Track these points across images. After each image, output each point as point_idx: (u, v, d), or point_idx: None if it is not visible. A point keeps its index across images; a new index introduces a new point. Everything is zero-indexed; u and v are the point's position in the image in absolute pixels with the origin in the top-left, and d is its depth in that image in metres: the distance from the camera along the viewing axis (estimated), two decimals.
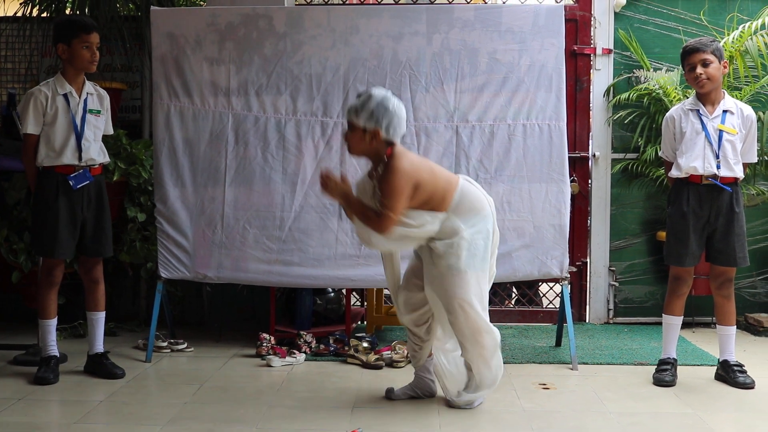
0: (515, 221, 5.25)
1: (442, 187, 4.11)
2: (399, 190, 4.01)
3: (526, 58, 5.26)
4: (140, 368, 5.12)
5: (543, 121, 5.26)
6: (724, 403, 4.47)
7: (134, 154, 5.87)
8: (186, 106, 5.38)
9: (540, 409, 4.32)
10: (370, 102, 4.05)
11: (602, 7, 6.42)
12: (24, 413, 4.22)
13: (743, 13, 6.32)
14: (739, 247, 4.70)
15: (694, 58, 4.71)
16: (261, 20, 5.37)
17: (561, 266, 5.25)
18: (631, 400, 4.48)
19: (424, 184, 4.06)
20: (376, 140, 4.07)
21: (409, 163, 4.06)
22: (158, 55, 5.40)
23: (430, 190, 4.08)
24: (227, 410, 4.27)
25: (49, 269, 4.83)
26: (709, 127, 4.69)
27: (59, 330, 5.21)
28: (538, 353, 5.50)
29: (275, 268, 5.30)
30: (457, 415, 4.20)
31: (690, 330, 6.15)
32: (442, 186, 4.12)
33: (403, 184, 4.01)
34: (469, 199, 4.15)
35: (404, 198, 4.02)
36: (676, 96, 6.01)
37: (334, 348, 5.40)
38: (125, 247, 5.89)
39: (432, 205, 4.10)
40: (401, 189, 4.01)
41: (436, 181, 4.11)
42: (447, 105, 5.27)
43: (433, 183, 4.09)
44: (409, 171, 4.03)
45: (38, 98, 4.71)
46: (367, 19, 5.36)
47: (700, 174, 4.67)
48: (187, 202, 5.37)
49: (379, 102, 4.05)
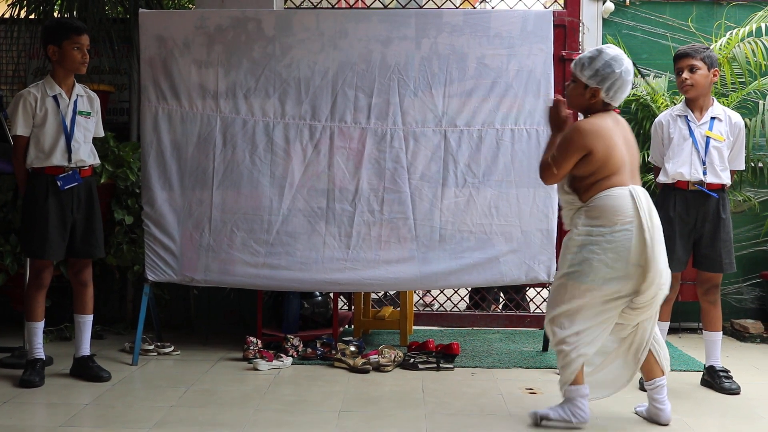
0: (503, 226, 5.27)
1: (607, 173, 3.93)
2: (568, 149, 3.95)
3: (515, 63, 5.28)
4: (127, 371, 5.11)
5: (531, 126, 5.28)
6: (709, 408, 4.48)
7: (122, 156, 5.86)
8: (174, 108, 5.37)
9: (527, 413, 4.32)
10: (598, 60, 3.97)
11: (591, 13, 6.45)
12: (9, 416, 4.19)
13: (731, 20, 6.35)
14: (726, 253, 4.72)
15: (682, 62, 4.74)
16: (250, 23, 5.36)
17: (548, 271, 5.26)
18: (617, 404, 4.48)
19: (597, 156, 3.91)
20: (594, 99, 4.01)
21: (592, 129, 3.94)
22: (146, 57, 5.39)
23: (598, 166, 3.93)
24: (214, 414, 4.26)
25: (37, 271, 4.81)
26: (696, 133, 4.71)
27: (45, 332, 5.20)
28: (525, 358, 5.50)
29: (263, 271, 5.30)
30: (445, 419, 4.20)
31: (676, 335, 6.17)
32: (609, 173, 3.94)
33: (574, 146, 3.93)
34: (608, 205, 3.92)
35: (570, 159, 3.95)
36: (663, 102, 6.03)
37: (321, 352, 5.39)
38: (112, 250, 5.88)
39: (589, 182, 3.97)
40: (571, 149, 3.94)
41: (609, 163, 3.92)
42: (435, 109, 5.28)
43: (606, 161, 3.92)
44: (588, 136, 3.92)
45: (28, 100, 4.70)
46: (355, 23, 5.36)
47: (686, 180, 4.69)
48: (174, 205, 5.36)
49: (608, 62, 3.95)
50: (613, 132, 3.99)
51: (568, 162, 3.96)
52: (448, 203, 5.27)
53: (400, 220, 5.28)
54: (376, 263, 5.26)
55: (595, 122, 3.98)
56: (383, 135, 5.29)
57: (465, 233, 5.27)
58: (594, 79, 3.97)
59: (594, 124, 3.97)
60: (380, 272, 5.27)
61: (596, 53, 3.99)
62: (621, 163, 3.96)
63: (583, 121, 4.02)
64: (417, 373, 5.08)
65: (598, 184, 3.95)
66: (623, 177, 3.96)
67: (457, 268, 5.27)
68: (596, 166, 3.92)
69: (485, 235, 5.26)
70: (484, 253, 5.24)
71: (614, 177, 3.94)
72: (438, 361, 5.18)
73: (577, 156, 3.94)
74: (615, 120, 4.08)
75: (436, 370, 5.14)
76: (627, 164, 4.00)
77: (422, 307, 7.03)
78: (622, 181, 3.95)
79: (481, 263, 5.24)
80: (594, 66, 3.96)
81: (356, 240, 5.29)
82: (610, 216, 3.90)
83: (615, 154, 3.94)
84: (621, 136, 4.03)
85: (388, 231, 5.28)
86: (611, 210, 3.90)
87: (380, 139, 5.29)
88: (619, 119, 4.13)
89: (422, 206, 5.27)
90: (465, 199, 5.24)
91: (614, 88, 3.97)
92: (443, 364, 5.17)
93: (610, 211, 3.90)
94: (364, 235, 5.29)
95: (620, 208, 3.89)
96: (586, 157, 3.93)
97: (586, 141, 3.91)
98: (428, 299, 7.19)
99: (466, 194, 5.25)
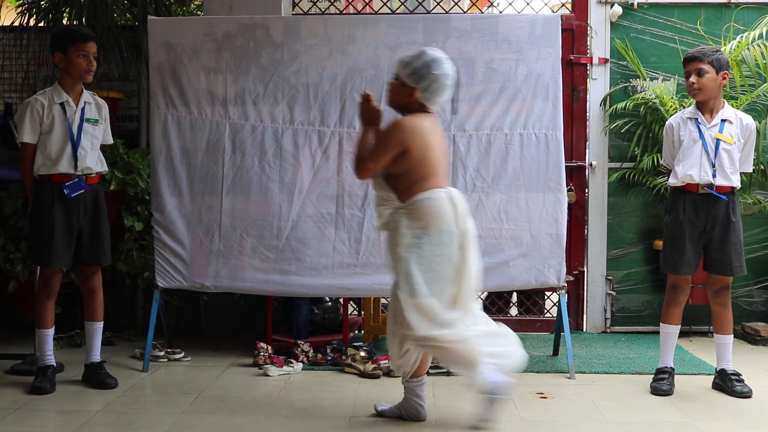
0: (512, 230, 5.25)
1: (424, 174, 4.01)
2: (385, 144, 4.01)
3: (523, 67, 5.27)
4: (137, 378, 5.11)
5: (540, 130, 5.27)
6: (721, 412, 4.47)
7: (131, 163, 5.87)
8: (183, 115, 5.38)
9: (537, 418, 4.32)
10: (418, 59, 4.04)
11: (599, 17, 6.44)
12: (21, 423, 4.21)
13: (739, 22, 6.34)
14: (736, 256, 4.71)
15: (690, 66, 4.74)
16: (258, 30, 5.37)
17: (558, 275, 5.25)
18: (629, 409, 4.48)
19: (413, 155, 3.98)
20: (410, 98, 4.06)
21: (411, 127, 4.01)
22: (155, 64, 5.40)
23: (414, 165, 4.00)
24: (224, 420, 4.26)
25: (46, 279, 4.82)
26: (706, 135, 4.70)
27: (56, 339, 5.21)
28: (536, 362, 5.49)
29: (272, 277, 5.30)
30: (455, 424, 4.19)
31: (687, 339, 6.14)
32: (425, 174, 4.01)
33: (392, 142, 4.00)
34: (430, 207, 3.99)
35: (387, 154, 4.00)
36: (672, 105, 6.02)
37: (331, 357, 5.39)
38: (122, 257, 5.89)
39: (407, 182, 4.02)
40: (388, 145, 4.01)
41: (425, 162, 4.00)
42: (444, 114, 5.27)
43: (421, 160, 3.99)
44: (406, 133, 3.99)
45: (35, 107, 4.71)
46: (363, 29, 5.36)
47: (696, 183, 4.68)
48: (184, 211, 5.37)
49: (427, 63, 4.02)
50: (430, 133, 4.08)
51: (385, 157, 4.02)
52: None
53: None
54: (386, 268, 5.23)
55: (414, 121, 4.05)
56: None
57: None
58: (411, 78, 4.04)
59: (413, 122, 4.04)
60: (390, 277, 5.25)
61: (418, 53, 4.07)
62: (437, 164, 4.06)
63: (403, 117, 4.09)
64: (427, 379, 5.07)
65: (417, 184, 4.02)
66: (440, 179, 4.06)
67: None
68: (412, 164, 4.00)
69: (495, 240, 5.25)
70: (493, 258, 5.23)
71: (432, 178, 4.03)
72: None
73: (393, 151, 4.00)
74: (432, 123, 4.16)
75: (446, 375, 5.13)
76: (442, 167, 4.10)
77: None
78: (439, 183, 4.05)
79: (490, 268, 5.22)
80: (413, 65, 4.04)
81: (366, 245, 5.29)
82: (432, 219, 3.97)
83: (431, 155, 4.03)
84: (437, 139, 4.13)
85: None
86: (433, 212, 3.98)
87: None
88: (437, 123, 4.24)
89: None
90: (474, 204, 5.23)
91: (430, 90, 4.04)
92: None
93: (432, 214, 3.98)
94: (374, 241, 5.28)
95: (441, 211, 3.98)
96: (402, 155, 4.00)
97: (404, 138, 3.99)
98: None
99: (476, 199, 5.24)
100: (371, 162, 4.03)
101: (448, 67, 4.07)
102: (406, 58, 4.08)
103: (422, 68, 4.01)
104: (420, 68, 4.01)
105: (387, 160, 4.01)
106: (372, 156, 4.03)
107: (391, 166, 4.03)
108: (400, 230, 4.01)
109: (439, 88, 4.05)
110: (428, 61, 4.02)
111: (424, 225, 3.97)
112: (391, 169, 4.05)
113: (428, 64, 4.01)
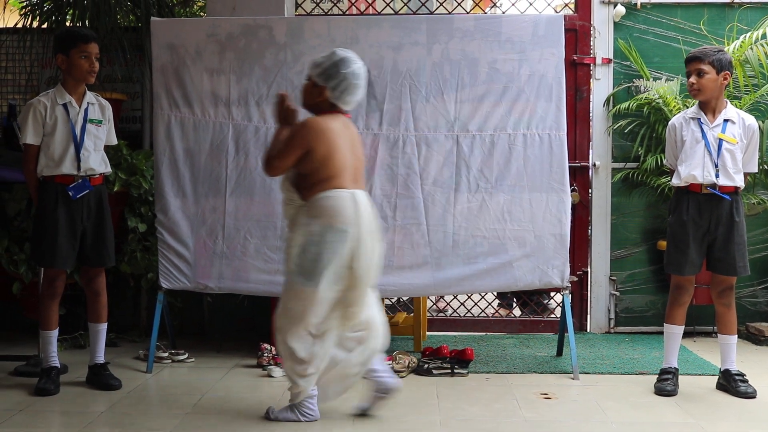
0: (516, 231, 5.25)
1: (327, 174, 4.07)
2: (291, 144, 4.09)
3: (526, 67, 5.27)
4: (141, 379, 5.12)
5: (543, 130, 5.26)
6: (725, 412, 4.46)
7: (135, 164, 5.87)
8: (186, 116, 5.38)
9: (541, 418, 4.32)
10: (328, 59, 4.12)
11: (602, 17, 6.43)
12: (25, 424, 4.21)
13: (743, 22, 6.33)
14: (740, 256, 4.71)
15: (691, 66, 4.74)
16: (261, 31, 5.37)
17: (562, 276, 5.24)
18: (633, 409, 4.48)
19: (317, 155, 4.05)
20: (321, 98, 4.14)
21: (316, 127, 4.09)
22: (158, 65, 5.40)
23: (318, 165, 4.06)
24: (228, 421, 4.26)
25: (50, 280, 4.82)
26: (708, 135, 4.70)
27: (60, 341, 5.20)
28: (540, 363, 5.49)
29: (276, 278, 5.29)
30: (459, 425, 4.20)
31: (691, 339, 6.14)
32: (329, 174, 4.07)
33: (297, 142, 4.07)
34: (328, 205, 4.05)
35: (292, 155, 4.08)
36: (675, 105, 6.01)
37: None
38: (126, 258, 5.89)
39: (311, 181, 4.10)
40: (293, 145, 4.08)
41: (329, 163, 4.06)
42: (447, 115, 5.27)
43: (325, 161, 4.06)
44: (311, 133, 4.07)
45: (37, 108, 4.72)
46: (366, 30, 5.36)
47: (699, 183, 4.68)
48: (188, 213, 5.37)
49: (336, 62, 4.10)
50: (338, 134, 4.13)
51: (290, 156, 4.10)
52: (461, 208, 5.26)
53: (413, 225, 5.27)
54: (390, 269, 5.24)
55: (321, 121, 4.12)
56: (395, 141, 5.29)
57: (478, 238, 5.26)
58: (321, 78, 4.12)
59: (320, 123, 4.11)
60: (393, 278, 5.26)
61: (329, 54, 4.15)
62: (342, 166, 4.11)
63: (312, 118, 4.16)
64: (431, 379, 5.08)
65: (320, 184, 4.08)
66: (344, 180, 4.10)
67: (471, 273, 5.26)
68: (316, 165, 4.07)
69: (498, 240, 5.24)
70: (497, 258, 5.23)
71: (335, 179, 4.08)
72: (452, 366, 5.17)
73: (299, 151, 4.08)
74: (345, 124, 4.23)
75: (451, 376, 5.14)
76: (350, 168, 4.15)
77: (436, 312, 7.02)
78: (343, 184, 4.09)
79: (494, 268, 5.23)
80: (323, 65, 4.13)
81: None
82: (328, 216, 4.03)
83: (337, 156, 4.09)
84: (348, 141, 4.18)
85: (401, 237, 5.28)
86: (330, 211, 4.04)
87: (392, 145, 5.29)
88: (349, 124, 4.30)
89: (435, 212, 5.26)
90: (478, 204, 5.23)
91: (339, 89, 4.11)
92: (457, 369, 5.17)
93: (329, 212, 4.04)
94: None
95: (339, 210, 4.03)
96: (307, 155, 4.06)
97: (309, 138, 4.06)
98: (442, 305, 7.18)
99: (479, 199, 5.24)
100: (278, 160, 4.13)
101: (358, 67, 4.14)
102: (317, 59, 4.18)
103: (331, 68, 4.10)
104: (329, 68, 4.10)
105: (293, 160, 4.11)
106: (279, 155, 4.13)
107: (298, 165, 4.11)
108: (298, 227, 4.11)
109: (349, 87, 4.12)
110: (337, 61, 4.10)
111: (320, 222, 4.04)
112: (297, 169, 4.13)
113: (337, 64, 4.10)
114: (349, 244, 4.03)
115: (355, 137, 4.30)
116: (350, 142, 4.19)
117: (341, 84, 4.10)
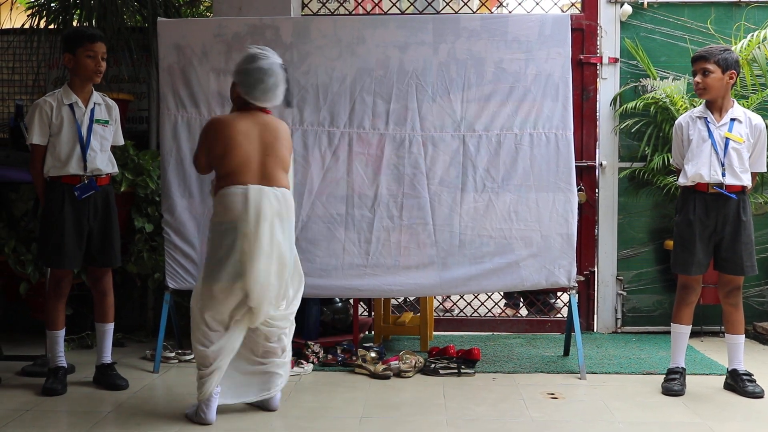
0: (522, 230, 5.25)
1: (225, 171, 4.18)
2: (199, 144, 4.37)
3: (533, 67, 5.26)
4: (148, 379, 5.12)
5: (550, 130, 5.25)
6: (733, 412, 4.45)
7: (141, 164, 5.88)
8: (193, 116, 5.38)
9: (548, 418, 4.31)
10: (241, 57, 4.28)
11: (608, 17, 6.42)
12: (32, 424, 4.22)
13: (750, 21, 6.32)
14: (747, 255, 4.69)
15: (696, 65, 4.74)
16: (268, 31, 5.37)
17: (569, 275, 5.24)
18: (640, 409, 4.47)
19: (214, 152, 4.21)
20: (234, 95, 4.31)
21: (214, 126, 4.24)
22: (165, 65, 5.40)
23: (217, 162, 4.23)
24: (235, 420, 4.27)
25: (57, 280, 4.83)
26: (715, 134, 4.68)
27: (67, 341, 5.22)
28: (546, 363, 5.49)
29: None
30: (466, 425, 4.20)
31: (698, 339, 6.12)
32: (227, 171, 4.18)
33: (200, 141, 4.34)
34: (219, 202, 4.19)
35: (201, 154, 4.33)
36: (682, 105, 6.00)
37: (341, 358, 5.39)
38: (132, 258, 5.90)
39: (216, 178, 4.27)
40: (199, 144, 4.35)
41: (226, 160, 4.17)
42: (454, 114, 5.27)
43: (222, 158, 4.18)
44: (209, 132, 4.25)
45: (43, 109, 4.72)
46: (373, 30, 5.36)
47: (706, 182, 4.67)
48: (194, 213, 5.37)
49: (244, 59, 4.24)
50: (239, 131, 4.21)
51: (201, 155, 4.34)
52: (467, 208, 5.26)
53: (420, 225, 5.27)
54: (396, 269, 5.25)
55: (222, 119, 4.31)
56: (402, 140, 5.29)
57: (485, 238, 5.26)
58: (234, 75, 4.28)
59: (219, 121, 4.29)
60: (400, 278, 5.26)
61: (244, 52, 4.30)
62: (242, 163, 4.17)
63: (213, 117, 4.46)
64: (438, 379, 5.08)
65: (220, 180, 4.23)
66: (244, 177, 4.17)
67: (477, 273, 5.25)
68: (215, 162, 4.22)
69: (505, 240, 5.24)
70: (504, 258, 5.22)
71: (233, 176, 4.18)
72: (459, 366, 5.17)
73: (203, 149, 4.28)
74: (256, 120, 4.28)
75: (457, 376, 5.13)
76: (253, 165, 4.20)
77: (442, 312, 7.02)
78: (242, 180, 4.16)
79: (501, 268, 5.22)
80: (237, 63, 4.28)
81: (376, 246, 5.29)
82: (218, 213, 4.18)
83: (234, 153, 4.17)
84: (256, 137, 4.24)
85: (407, 237, 5.28)
86: (219, 207, 4.18)
87: (399, 145, 5.29)
88: (264, 121, 4.32)
89: (441, 211, 5.26)
90: (484, 204, 5.23)
91: (245, 84, 4.22)
92: (464, 369, 5.16)
93: (218, 208, 4.18)
94: (384, 241, 5.28)
95: (227, 206, 4.13)
96: (209, 153, 4.23)
97: (207, 137, 4.27)
98: (448, 305, 7.17)
99: (486, 199, 5.24)
100: (195, 160, 4.41)
101: (265, 63, 4.20)
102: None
103: (240, 64, 4.25)
104: (239, 64, 4.26)
105: (204, 159, 4.30)
106: (195, 155, 4.38)
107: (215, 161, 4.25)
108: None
109: (254, 82, 4.19)
110: (245, 57, 4.25)
111: (214, 218, 4.23)
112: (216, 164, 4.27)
113: (244, 60, 4.24)
114: (240, 240, 4.09)
115: (270, 133, 4.29)
116: (259, 139, 4.24)
117: (246, 79, 4.21)
